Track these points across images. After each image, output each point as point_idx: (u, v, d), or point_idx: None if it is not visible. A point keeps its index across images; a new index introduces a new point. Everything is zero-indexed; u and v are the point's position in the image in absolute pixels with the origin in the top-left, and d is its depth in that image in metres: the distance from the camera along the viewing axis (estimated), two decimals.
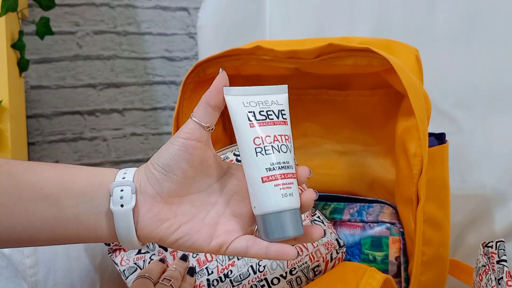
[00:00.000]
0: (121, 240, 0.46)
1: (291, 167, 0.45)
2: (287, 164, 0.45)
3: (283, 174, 0.45)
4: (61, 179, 0.46)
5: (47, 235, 0.46)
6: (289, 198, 0.44)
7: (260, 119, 0.46)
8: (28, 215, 0.45)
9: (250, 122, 0.46)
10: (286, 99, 0.48)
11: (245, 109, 0.46)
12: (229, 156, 0.64)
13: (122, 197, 0.45)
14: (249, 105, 0.46)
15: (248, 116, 0.46)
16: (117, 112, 1.33)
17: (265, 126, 0.46)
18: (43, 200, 0.45)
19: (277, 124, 0.46)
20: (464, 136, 0.90)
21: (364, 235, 0.68)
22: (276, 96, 0.48)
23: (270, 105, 0.47)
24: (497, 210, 0.88)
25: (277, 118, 0.47)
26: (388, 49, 0.67)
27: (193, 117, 0.46)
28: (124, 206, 0.45)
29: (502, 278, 0.57)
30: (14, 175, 0.45)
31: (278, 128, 0.46)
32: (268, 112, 0.46)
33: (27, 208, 0.45)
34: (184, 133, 0.46)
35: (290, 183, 0.45)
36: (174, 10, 1.35)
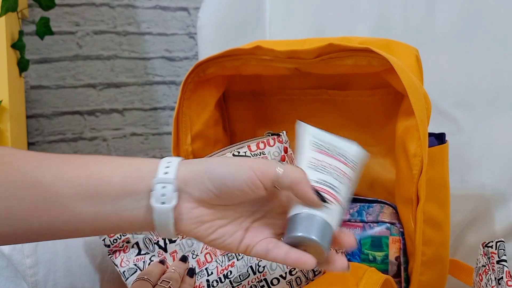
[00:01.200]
0: (158, 232, 0.46)
1: (340, 195, 0.45)
2: (336, 188, 0.45)
3: (328, 192, 0.44)
4: (98, 176, 0.45)
5: (89, 228, 0.46)
6: (326, 210, 0.43)
7: (325, 150, 0.47)
8: (69, 211, 0.44)
9: (315, 148, 0.47)
10: (359, 161, 0.48)
11: (314, 140, 0.48)
12: (228, 156, 0.64)
13: (164, 194, 0.44)
14: (321, 143, 0.48)
15: (314, 143, 0.48)
16: (117, 112, 1.33)
17: (327, 156, 0.47)
18: (81, 197, 0.45)
19: (339, 160, 0.47)
20: (464, 136, 0.90)
21: (364, 235, 0.68)
22: (351, 150, 0.48)
23: (341, 150, 0.48)
24: (497, 210, 0.87)
25: (341, 157, 0.47)
26: (388, 49, 0.67)
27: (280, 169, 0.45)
28: (165, 204, 0.44)
29: (502, 278, 0.57)
30: (50, 169, 0.45)
31: (338, 163, 0.47)
32: (337, 151, 0.48)
33: (66, 204, 0.44)
34: (259, 171, 0.44)
35: (332, 202, 0.44)
36: (174, 10, 1.35)
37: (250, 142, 0.64)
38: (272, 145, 0.63)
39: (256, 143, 0.63)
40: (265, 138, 0.65)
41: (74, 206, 0.44)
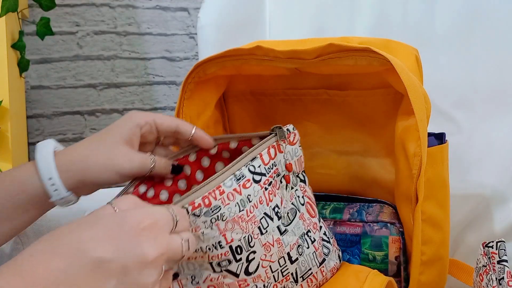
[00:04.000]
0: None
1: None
2: None
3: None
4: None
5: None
6: None
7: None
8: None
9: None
10: None
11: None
12: (245, 173, 0.55)
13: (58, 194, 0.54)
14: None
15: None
16: (117, 112, 1.33)
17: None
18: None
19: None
20: (464, 136, 0.90)
21: (364, 235, 0.68)
22: None
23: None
24: (497, 210, 0.87)
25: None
26: (388, 49, 0.67)
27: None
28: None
29: (503, 278, 0.57)
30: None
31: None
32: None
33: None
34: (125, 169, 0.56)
35: None
36: (174, 10, 1.35)
37: (260, 148, 0.57)
38: (282, 151, 0.59)
39: (267, 151, 0.58)
40: (272, 138, 0.59)
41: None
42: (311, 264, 0.59)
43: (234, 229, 0.52)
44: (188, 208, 0.50)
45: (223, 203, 0.52)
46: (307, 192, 0.62)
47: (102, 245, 0.38)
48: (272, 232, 0.55)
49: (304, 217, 0.60)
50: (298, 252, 0.57)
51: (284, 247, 0.56)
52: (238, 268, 0.54)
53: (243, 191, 0.53)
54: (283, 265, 0.56)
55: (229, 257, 0.53)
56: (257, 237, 0.54)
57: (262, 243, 0.54)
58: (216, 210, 0.51)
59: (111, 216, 0.41)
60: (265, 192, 0.55)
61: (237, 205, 0.53)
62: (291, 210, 0.58)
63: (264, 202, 0.55)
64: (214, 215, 0.51)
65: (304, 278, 0.58)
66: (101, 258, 0.38)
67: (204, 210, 0.51)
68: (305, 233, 0.59)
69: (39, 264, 0.36)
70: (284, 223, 0.57)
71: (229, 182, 0.53)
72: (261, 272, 0.55)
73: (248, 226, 0.53)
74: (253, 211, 0.54)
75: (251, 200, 0.54)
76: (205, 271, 0.54)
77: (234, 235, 0.52)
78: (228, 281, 0.54)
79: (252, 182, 0.54)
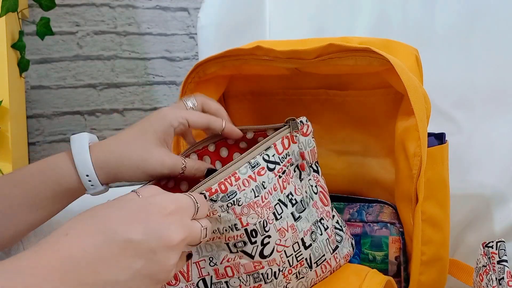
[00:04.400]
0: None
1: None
2: None
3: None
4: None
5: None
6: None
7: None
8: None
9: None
10: None
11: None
12: (259, 161, 0.57)
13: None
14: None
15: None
16: (117, 112, 1.33)
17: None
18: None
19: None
20: (464, 136, 0.90)
21: (364, 235, 0.68)
22: None
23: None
24: (497, 210, 0.87)
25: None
26: (388, 49, 0.67)
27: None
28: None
29: (503, 278, 0.57)
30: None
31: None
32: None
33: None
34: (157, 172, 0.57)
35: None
36: (174, 10, 1.35)
37: (274, 138, 0.60)
38: (295, 142, 0.61)
39: (281, 141, 0.60)
40: (286, 130, 0.61)
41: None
42: (325, 250, 0.61)
43: (249, 214, 0.55)
44: (206, 193, 0.52)
45: (238, 189, 0.54)
46: (320, 181, 0.64)
47: (131, 227, 0.41)
48: (287, 218, 0.57)
49: (317, 205, 0.62)
50: (311, 238, 0.59)
51: (298, 233, 0.58)
52: (253, 251, 0.56)
53: (258, 178, 0.56)
54: (297, 250, 0.58)
55: (245, 239, 0.55)
56: (272, 222, 0.56)
57: (277, 228, 0.56)
58: (232, 196, 0.54)
59: (138, 200, 0.44)
60: (279, 180, 0.58)
61: (253, 191, 0.55)
62: (304, 198, 0.60)
63: (278, 189, 0.57)
64: (230, 200, 0.53)
65: (318, 264, 0.60)
66: (131, 240, 0.40)
67: (220, 195, 0.53)
68: (318, 221, 0.61)
69: (74, 243, 0.39)
70: (298, 209, 0.59)
71: (244, 169, 0.55)
72: (275, 256, 0.56)
73: (263, 212, 0.55)
74: (267, 197, 0.56)
75: (266, 187, 0.56)
76: (222, 251, 0.56)
77: (250, 219, 0.55)
78: (244, 261, 0.56)
79: (266, 169, 0.57)
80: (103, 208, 0.43)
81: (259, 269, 0.57)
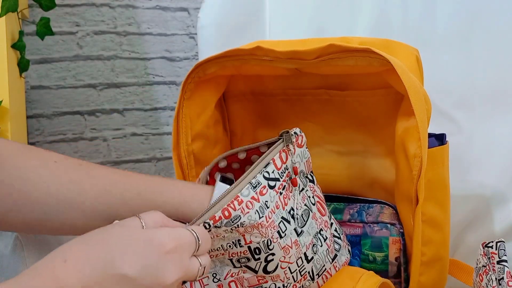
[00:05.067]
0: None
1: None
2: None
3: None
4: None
5: None
6: None
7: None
8: None
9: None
10: None
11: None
12: (260, 180, 0.56)
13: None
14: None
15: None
16: (117, 112, 1.33)
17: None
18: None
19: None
20: (464, 136, 0.90)
21: (364, 235, 0.68)
22: None
23: None
24: (497, 210, 0.88)
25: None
26: (388, 49, 0.67)
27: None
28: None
29: (502, 278, 0.57)
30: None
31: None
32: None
33: None
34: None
35: None
36: (174, 10, 1.35)
37: (272, 153, 0.58)
38: (294, 153, 0.60)
39: (279, 156, 0.59)
40: (281, 144, 0.60)
41: None
42: (325, 261, 0.61)
43: (253, 233, 0.54)
44: (210, 222, 0.51)
45: (242, 212, 0.53)
46: (317, 191, 0.64)
47: (129, 261, 0.42)
48: (290, 235, 0.57)
49: (316, 216, 0.61)
50: (313, 251, 0.59)
51: (301, 248, 0.58)
52: (257, 266, 0.56)
53: (261, 198, 0.55)
54: (301, 265, 0.58)
55: (248, 255, 0.55)
56: (276, 241, 0.55)
57: (282, 246, 0.56)
58: (237, 220, 0.53)
59: (139, 232, 0.45)
60: (280, 197, 0.57)
61: (257, 212, 0.54)
62: (304, 211, 0.60)
63: (280, 207, 0.56)
64: (234, 224, 0.53)
65: (319, 275, 0.60)
66: (126, 275, 0.41)
67: (224, 221, 0.52)
68: (318, 232, 0.61)
69: (73, 271, 0.40)
70: (300, 224, 0.58)
71: (246, 191, 0.54)
72: (279, 273, 0.56)
73: (268, 232, 0.55)
74: (271, 216, 0.55)
75: (269, 206, 0.55)
76: (226, 266, 0.57)
77: (253, 238, 0.54)
78: (248, 275, 0.57)
79: (267, 188, 0.56)
80: (103, 234, 0.43)
81: (263, 283, 0.57)
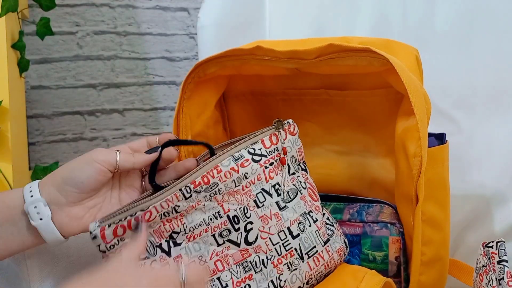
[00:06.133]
0: (50, 243, 0.56)
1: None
2: None
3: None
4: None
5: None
6: None
7: None
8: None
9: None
10: None
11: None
12: (244, 154, 0.60)
13: (38, 212, 0.54)
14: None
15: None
16: (117, 112, 1.33)
17: None
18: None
19: None
20: (464, 136, 0.90)
21: (364, 235, 0.68)
22: None
23: None
24: (497, 210, 0.87)
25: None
26: (388, 49, 0.67)
27: (118, 155, 0.57)
28: (43, 219, 0.54)
29: (503, 278, 0.57)
30: None
31: None
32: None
33: None
34: (101, 161, 0.56)
35: None
36: (174, 10, 1.35)
37: (262, 134, 0.62)
38: (285, 138, 0.63)
39: (269, 138, 0.62)
40: (271, 129, 0.63)
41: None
42: (315, 242, 0.62)
43: (230, 201, 0.59)
44: (191, 186, 0.57)
45: (220, 180, 0.58)
46: (309, 179, 0.66)
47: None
48: (270, 206, 0.60)
49: (305, 198, 0.63)
50: (299, 228, 0.61)
51: (284, 222, 0.60)
52: (238, 237, 0.59)
53: (241, 169, 0.59)
54: (284, 239, 0.60)
55: (228, 226, 0.59)
56: (253, 209, 0.59)
57: (259, 215, 0.59)
58: (214, 186, 0.58)
59: (126, 276, 0.47)
60: (265, 170, 0.60)
61: (233, 181, 0.59)
62: (291, 189, 0.62)
63: (262, 179, 0.60)
64: (212, 191, 0.58)
65: (310, 256, 0.61)
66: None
67: (204, 187, 0.57)
68: (307, 213, 0.62)
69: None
70: (284, 199, 0.61)
71: (226, 162, 0.58)
72: (261, 243, 0.59)
73: (243, 199, 0.59)
74: (249, 186, 0.59)
75: (248, 177, 0.59)
76: (210, 246, 0.59)
77: (231, 206, 0.59)
78: (232, 251, 0.59)
79: (251, 161, 0.60)
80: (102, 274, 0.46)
81: (246, 257, 0.59)
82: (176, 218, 0.58)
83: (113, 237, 0.57)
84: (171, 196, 0.57)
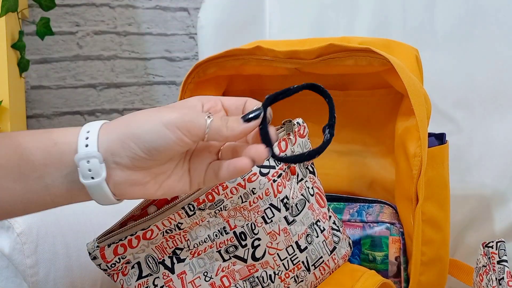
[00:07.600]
0: (100, 203, 0.44)
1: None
2: None
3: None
4: (18, 152, 0.42)
5: (22, 207, 0.43)
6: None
7: None
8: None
9: None
10: None
11: None
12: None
13: (90, 169, 0.41)
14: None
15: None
16: (117, 112, 1.33)
17: None
18: (7, 176, 0.41)
19: None
20: (464, 136, 0.90)
21: (364, 235, 0.68)
22: None
23: None
24: (497, 210, 0.87)
25: None
26: (388, 49, 0.67)
27: (208, 121, 0.43)
28: (94, 179, 0.42)
29: (503, 278, 0.57)
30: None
31: None
32: None
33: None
34: (186, 130, 0.42)
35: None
36: (174, 10, 1.35)
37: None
38: (294, 143, 0.60)
39: (278, 144, 0.58)
40: (282, 132, 0.59)
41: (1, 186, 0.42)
42: (322, 252, 0.60)
43: (236, 217, 0.55)
44: (194, 204, 0.53)
45: (226, 197, 0.54)
46: (317, 183, 0.64)
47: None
48: (279, 222, 0.57)
49: (313, 207, 0.61)
50: (307, 241, 0.59)
51: (292, 236, 0.58)
52: (245, 254, 0.56)
53: (248, 185, 0.55)
54: (292, 254, 0.58)
55: (235, 242, 0.56)
56: (260, 226, 0.56)
57: (267, 232, 0.56)
58: (220, 203, 0.54)
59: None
60: (273, 184, 0.57)
61: (240, 197, 0.55)
62: (300, 201, 0.59)
63: (271, 194, 0.56)
64: (217, 207, 0.54)
65: (316, 266, 0.60)
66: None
67: (208, 204, 0.54)
68: (314, 223, 0.60)
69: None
70: (293, 213, 0.58)
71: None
72: (268, 259, 0.57)
73: (251, 215, 0.56)
74: (256, 201, 0.56)
75: (255, 193, 0.55)
76: (216, 262, 0.56)
77: (237, 222, 0.55)
78: (238, 267, 0.57)
79: (258, 175, 0.56)
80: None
81: (253, 272, 0.57)
82: (179, 234, 0.55)
83: (113, 256, 0.55)
84: (173, 214, 0.54)
